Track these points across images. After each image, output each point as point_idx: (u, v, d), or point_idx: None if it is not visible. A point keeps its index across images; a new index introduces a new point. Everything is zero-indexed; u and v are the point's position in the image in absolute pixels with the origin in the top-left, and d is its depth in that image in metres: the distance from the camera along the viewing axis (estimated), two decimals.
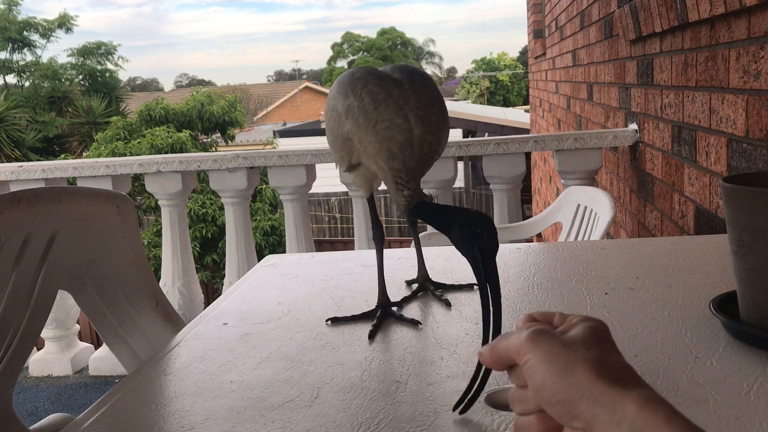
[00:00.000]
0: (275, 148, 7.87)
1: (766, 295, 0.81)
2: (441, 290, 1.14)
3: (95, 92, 18.88)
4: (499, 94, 38.18)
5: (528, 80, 10.65)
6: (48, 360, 3.50)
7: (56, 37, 20.33)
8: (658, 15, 2.11)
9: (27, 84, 19.45)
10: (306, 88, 38.25)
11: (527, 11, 8.61)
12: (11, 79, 20.19)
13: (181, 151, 11.26)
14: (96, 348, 3.60)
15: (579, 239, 2.25)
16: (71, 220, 1.24)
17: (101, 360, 3.43)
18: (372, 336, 0.98)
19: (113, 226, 1.30)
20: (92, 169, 3.16)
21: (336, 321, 1.04)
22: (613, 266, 1.22)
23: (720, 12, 1.60)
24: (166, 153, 10.81)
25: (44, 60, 19.81)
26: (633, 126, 2.80)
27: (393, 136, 0.91)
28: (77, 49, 19.77)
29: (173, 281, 3.31)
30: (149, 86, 60.65)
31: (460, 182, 14.93)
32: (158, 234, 8.46)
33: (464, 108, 18.93)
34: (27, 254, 1.17)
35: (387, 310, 1.05)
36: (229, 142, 14.93)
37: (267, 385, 0.83)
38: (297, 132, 23.78)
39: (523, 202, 3.80)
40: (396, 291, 1.16)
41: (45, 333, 3.42)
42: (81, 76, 19.94)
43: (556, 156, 2.99)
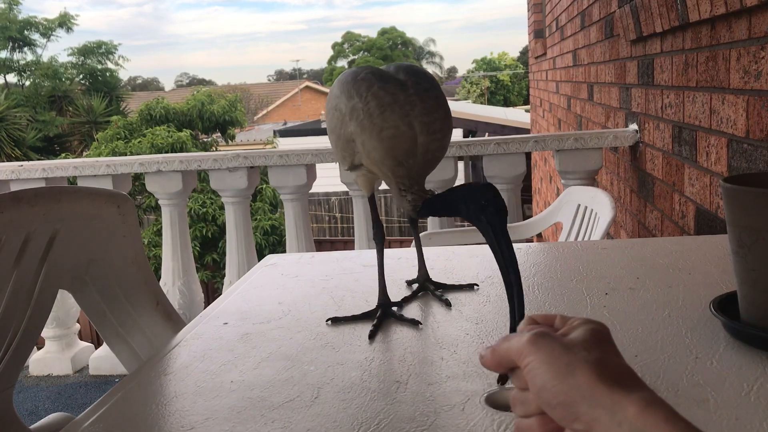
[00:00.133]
0: (275, 148, 7.86)
1: (767, 296, 0.81)
2: (441, 290, 1.14)
3: (96, 91, 18.89)
4: (500, 94, 38.21)
5: (528, 80, 10.65)
6: (48, 359, 3.50)
7: (57, 37, 20.39)
8: (659, 15, 2.11)
9: (27, 83, 19.48)
10: (306, 88, 38.22)
11: (528, 11, 8.61)
12: (12, 78, 20.25)
13: (182, 151, 11.26)
14: (96, 347, 3.60)
15: (579, 239, 2.25)
16: (72, 220, 1.24)
17: (101, 359, 3.42)
18: (372, 336, 0.98)
19: (114, 226, 1.30)
20: (93, 169, 3.16)
21: (336, 321, 1.04)
22: (614, 266, 1.22)
23: (720, 12, 1.60)
24: (167, 152, 10.82)
25: (45, 59, 19.85)
26: (633, 126, 2.80)
27: (398, 144, 0.91)
28: (78, 49, 19.80)
29: (173, 281, 3.31)
30: (150, 86, 60.56)
31: (461, 182, 14.86)
32: (158, 233, 8.45)
33: (465, 108, 18.93)
34: (27, 254, 1.17)
35: (387, 310, 1.05)
36: (230, 142, 14.94)
37: (267, 385, 0.83)
38: (297, 132, 23.78)
39: (524, 202, 3.80)
40: (396, 291, 1.15)
41: (45, 332, 3.41)
42: (81, 76, 19.96)
43: (557, 156, 2.99)
